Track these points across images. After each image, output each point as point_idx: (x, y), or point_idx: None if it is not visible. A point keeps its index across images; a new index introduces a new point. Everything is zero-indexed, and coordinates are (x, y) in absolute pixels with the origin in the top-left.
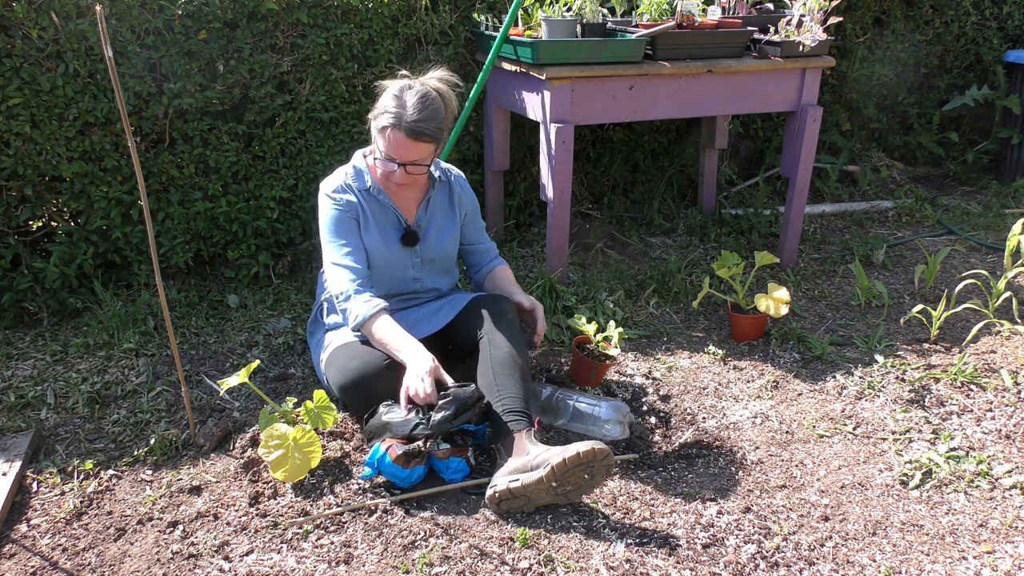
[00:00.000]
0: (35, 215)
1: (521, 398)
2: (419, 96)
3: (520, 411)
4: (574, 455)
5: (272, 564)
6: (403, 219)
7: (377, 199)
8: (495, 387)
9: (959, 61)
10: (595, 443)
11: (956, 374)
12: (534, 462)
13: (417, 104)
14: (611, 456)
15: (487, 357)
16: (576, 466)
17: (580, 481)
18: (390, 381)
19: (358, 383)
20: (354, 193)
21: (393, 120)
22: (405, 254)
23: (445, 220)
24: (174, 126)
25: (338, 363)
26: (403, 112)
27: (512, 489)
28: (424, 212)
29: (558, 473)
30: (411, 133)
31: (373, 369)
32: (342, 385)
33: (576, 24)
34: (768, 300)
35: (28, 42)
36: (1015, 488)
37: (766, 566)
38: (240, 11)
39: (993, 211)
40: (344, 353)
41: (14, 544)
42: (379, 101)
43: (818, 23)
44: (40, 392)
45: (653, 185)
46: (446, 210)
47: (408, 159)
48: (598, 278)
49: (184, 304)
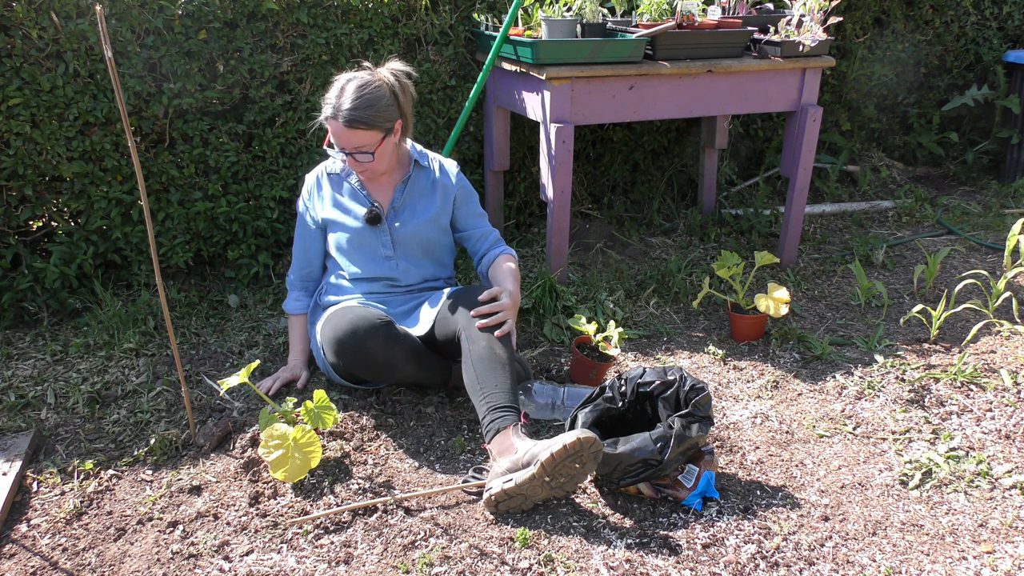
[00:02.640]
0: (35, 215)
1: (505, 392)
2: (357, 86)
3: (504, 406)
4: (561, 448)
5: (272, 564)
6: (370, 200)
7: (347, 181)
8: (478, 386)
9: (959, 61)
10: (579, 432)
11: (956, 374)
12: (524, 459)
13: (353, 94)
14: (598, 443)
15: (467, 355)
16: (565, 458)
17: (572, 471)
18: (384, 340)
19: (351, 335)
20: (326, 178)
21: (331, 111)
22: (374, 233)
23: (423, 203)
24: (174, 126)
25: (333, 320)
26: (339, 102)
27: (507, 490)
28: (401, 194)
29: (549, 468)
30: (346, 122)
31: (367, 324)
32: (336, 338)
33: (576, 24)
34: (768, 300)
35: (28, 42)
36: (1015, 488)
37: (766, 566)
38: (240, 11)
39: (993, 211)
40: (339, 314)
41: (14, 544)
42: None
43: (818, 23)
44: (40, 392)
45: (653, 185)
46: (426, 194)
47: (350, 147)
48: (598, 278)
49: (184, 304)
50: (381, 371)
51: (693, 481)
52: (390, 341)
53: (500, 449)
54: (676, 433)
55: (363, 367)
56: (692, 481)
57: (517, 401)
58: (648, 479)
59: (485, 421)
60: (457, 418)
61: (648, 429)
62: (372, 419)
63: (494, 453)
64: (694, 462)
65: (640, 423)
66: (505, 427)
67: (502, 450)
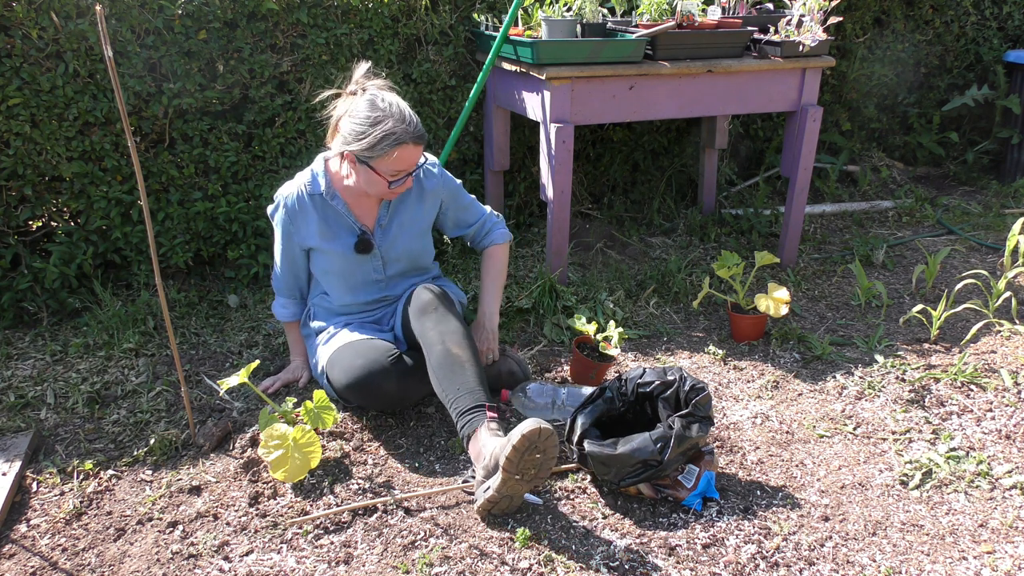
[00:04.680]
0: (35, 215)
1: (469, 391)
2: (397, 102)
3: (470, 408)
4: (512, 450)
5: (272, 564)
6: (357, 224)
7: (331, 204)
8: (443, 393)
9: (959, 61)
10: (524, 428)
11: (956, 374)
12: (490, 463)
13: (405, 109)
14: (547, 429)
15: (428, 363)
16: (523, 454)
17: (537, 462)
18: (398, 378)
19: (365, 381)
20: (307, 200)
21: (405, 136)
22: (364, 259)
23: (412, 214)
24: (174, 126)
25: (343, 362)
26: (409, 125)
27: (489, 498)
28: (386, 211)
29: (512, 468)
30: (418, 139)
31: (380, 367)
32: (348, 384)
33: (576, 24)
34: (768, 300)
35: (28, 42)
36: (1015, 488)
37: (766, 566)
38: (240, 11)
39: (993, 211)
40: (349, 351)
41: (14, 544)
42: (347, 127)
43: (818, 23)
44: (40, 392)
45: (653, 185)
46: (413, 204)
47: (414, 167)
48: (598, 278)
49: (184, 304)
50: (397, 404)
51: (693, 481)
52: (403, 376)
53: (474, 455)
54: (676, 433)
55: (377, 404)
56: (692, 481)
57: (485, 394)
58: (648, 479)
59: (458, 429)
60: None
61: (648, 429)
62: (372, 419)
63: (472, 459)
64: (694, 462)
65: (640, 423)
66: (474, 431)
67: (476, 455)
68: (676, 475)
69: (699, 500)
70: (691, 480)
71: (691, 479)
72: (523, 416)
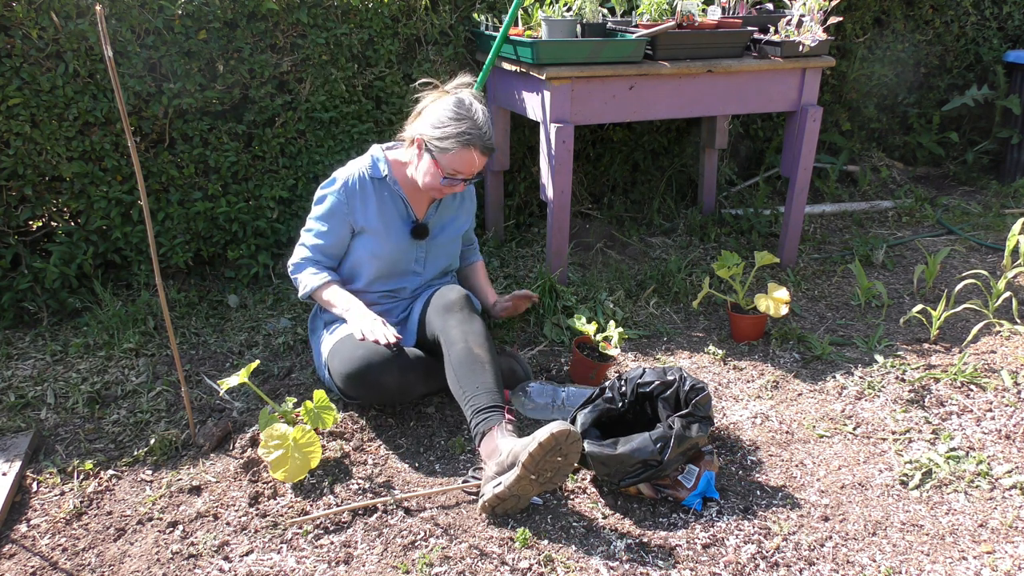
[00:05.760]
0: (35, 215)
1: (488, 391)
2: (483, 111)
3: (488, 408)
4: (537, 447)
5: (272, 564)
6: (412, 212)
7: (391, 189)
8: (461, 390)
9: (959, 61)
10: (553, 427)
11: (956, 374)
12: (507, 461)
13: (487, 120)
14: (574, 433)
15: (447, 359)
16: (545, 454)
17: (556, 465)
18: (399, 371)
19: (364, 371)
20: (368, 183)
21: (472, 139)
22: (411, 247)
23: (451, 217)
24: (174, 126)
25: (343, 352)
26: (485, 130)
27: (499, 494)
28: (434, 210)
29: (531, 466)
30: (486, 150)
31: (381, 357)
32: (348, 373)
33: (576, 24)
34: (768, 300)
35: (28, 42)
36: (1015, 488)
37: (766, 566)
38: (240, 11)
39: (993, 211)
40: (351, 341)
41: (14, 544)
42: (431, 116)
43: (818, 23)
44: (40, 392)
45: (653, 185)
46: (454, 209)
47: (475, 172)
48: (598, 278)
49: (184, 304)
50: (396, 398)
51: (693, 481)
52: (404, 370)
53: (487, 452)
54: (676, 433)
55: (378, 398)
56: (692, 481)
57: (501, 397)
58: (648, 479)
59: (471, 425)
60: (457, 418)
61: (648, 429)
62: (372, 419)
63: (483, 456)
64: (694, 462)
65: (640, 423)
66: (490, 429)
67: (489, 453)
68: (676, 475)
69: (699, 500)
70: (691, 480)
71: (691, 479)
72: (522, 416)
